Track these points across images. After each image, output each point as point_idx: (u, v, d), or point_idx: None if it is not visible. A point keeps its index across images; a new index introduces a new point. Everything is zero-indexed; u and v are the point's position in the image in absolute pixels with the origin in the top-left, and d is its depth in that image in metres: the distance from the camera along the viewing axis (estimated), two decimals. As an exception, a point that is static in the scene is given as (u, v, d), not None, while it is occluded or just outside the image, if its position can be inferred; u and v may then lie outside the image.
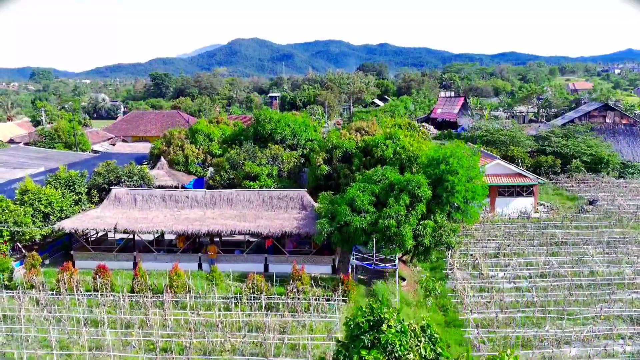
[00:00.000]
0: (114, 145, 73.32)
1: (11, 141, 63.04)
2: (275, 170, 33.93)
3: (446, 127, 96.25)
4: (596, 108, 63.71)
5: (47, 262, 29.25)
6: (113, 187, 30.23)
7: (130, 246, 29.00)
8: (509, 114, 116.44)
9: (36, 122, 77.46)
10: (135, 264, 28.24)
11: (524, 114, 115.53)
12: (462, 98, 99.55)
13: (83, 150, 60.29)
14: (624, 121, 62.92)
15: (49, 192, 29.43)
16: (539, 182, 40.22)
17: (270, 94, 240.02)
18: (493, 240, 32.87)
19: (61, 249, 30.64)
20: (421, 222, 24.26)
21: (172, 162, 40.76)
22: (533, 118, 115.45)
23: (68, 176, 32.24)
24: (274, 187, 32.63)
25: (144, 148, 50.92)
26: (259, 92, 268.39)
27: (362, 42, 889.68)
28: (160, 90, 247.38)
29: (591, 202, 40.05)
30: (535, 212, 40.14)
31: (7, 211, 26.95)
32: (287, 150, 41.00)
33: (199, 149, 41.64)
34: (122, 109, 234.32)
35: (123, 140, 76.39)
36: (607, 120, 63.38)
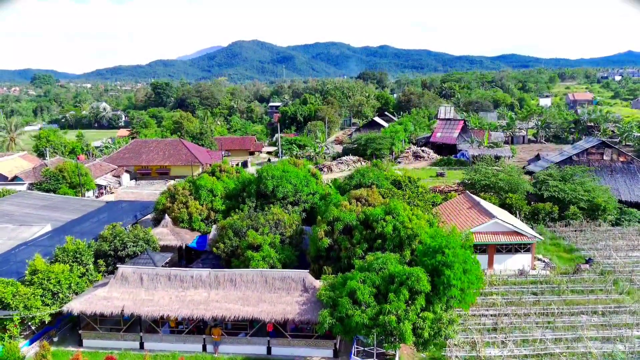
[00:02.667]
0: (117, 177, 74.18)
1: (16, 178, 63.80)
2: (277, 239, 34.66)
3: (446, 151, 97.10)
4: (594, 145, 64.44)
5: (55, 339, 30.06)
6: (120, 265, 30.96)
7: (136, 322, 29.70)
8: (508, 134, 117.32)
9: (40, 153, 78.19)
10: (141, 344, 29.04)
11: (523, 135, 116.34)
12: (462, 122, 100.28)
13: (88, 190, 61.10)
14: (621, 159, 63.67)
15: (57, 269, 30.18)
16: (536, 240, 40.94)
17: (271, 104, 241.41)
18: (490, 308, 33.67)
19: (69, 322, 31.43)
20: (420, 315, 25.02)
21: (176, 219, 41.49)
22: (532, 138, 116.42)
23: (75, 247, 32.98)
24: (276, 257, 33.37)
25: (147, 195, 51.58)
26: (260, 100, 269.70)
27: (363, 44, 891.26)
28: (161, 99, 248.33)
29: (587, 261, 40.78)
30: (533, 268, 40.93)
31: (17, 296, 27.72)
32: (288, 207, 41.84)
33: (202, 205, 42.36)
34: (124, 118, 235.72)
35: (126, 171, 77.27)
36: (605, 157, 64.14)
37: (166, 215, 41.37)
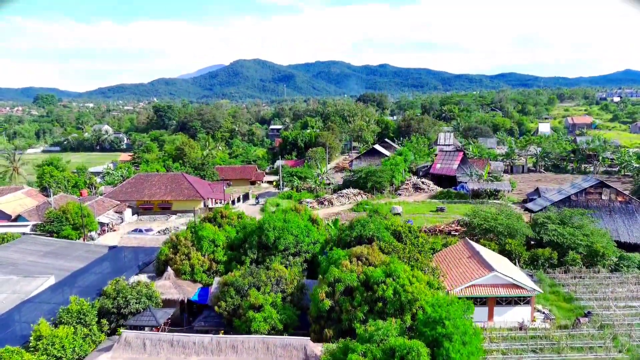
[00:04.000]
0: (119, 213, 74.71)
1: (19, 218, 64.36)
2: (279, 297, 35.04)
3: (446, 182, 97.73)
4: (592, 185, 64.99)
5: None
6: (123, 331, 31.33)
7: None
8: (508, 163, 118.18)
9: (43, 188, 78.89)
10: (144, 412, 29.20)
11: (523, 165, 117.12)
12: (461, 153, 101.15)
13: (90, 231, 61.63)
14: (619, 198, 64.20)
15: (61, 333, 30.53)
16: (535, 293, 41.25)
17: (272, 126, 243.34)
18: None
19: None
20: (420, 390, 25.30)
21: (178, 271, 41.90)
22: (532, 168, 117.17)
23: (79, 308, 33.36)
24: (278, 318, 33.71)
25: (150, 241, 52.08)
26: (261, 122, 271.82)
27: (363, 63, 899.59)
28: (163, 121, 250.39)
29: (586, 314, 41.04)
30: (533, 321, 41.17)
31: (22, 366, 28.06)
32: (290, 258, 42.29)
33: (204, 256, 42.80)
34: (125, 141, 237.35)
35: (128, 206, 77.81)
36: (603, 197, 64.69)
37: (168, 267, 41.78)
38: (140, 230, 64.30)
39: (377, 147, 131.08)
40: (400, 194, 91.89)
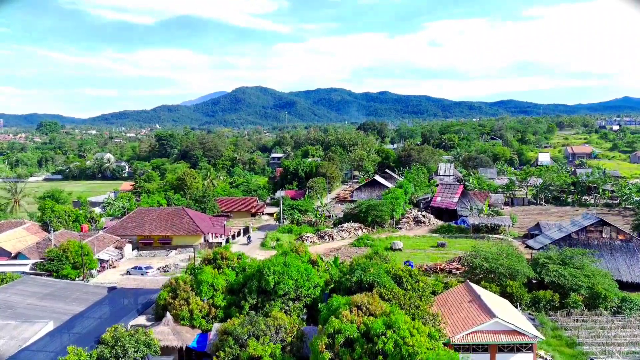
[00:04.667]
0: (119, 249, 74.65)
1: (19, 255, 64.33)
2: (278, 347, 34.77)
3: (446, 216, 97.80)
4: (593, 223, 65.06)
5: None
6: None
7: None
8: (508, 194, 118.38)
9: (44, 223, 79.06)
10: None
11: (523, 197, 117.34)
12: (461, 187, 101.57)
13: (90, 269, 61.51)
14: (620, 237, 64.19)
15: (59, 388, 30.22)
16: (537, 340, 40.85)
17: (273, 154, 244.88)
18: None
19: None
20: None
21: (177, 316, 41.66)
22: (533, 200, 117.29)
23: (77, 359, 33.08)
24: (277, 369, 33.41)
25: (150, 282, 51.95)
26: (262, 150, 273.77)
27: (363, 90, 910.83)
28: (165, 150, 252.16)
29: (589, 362, 40.59)
30: (535, 369, 40.68)
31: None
32: (290, 303, 42.12)
33: (203, 301, 42.63)
34: (127, 169, 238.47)
35: (129, 241, 77.80)
36: (604, 235, 64.70)
37: (167, 313, 41.57)
38: (140, 268, 64.16)
39: (378, 178, 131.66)
40: (400, 228, 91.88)
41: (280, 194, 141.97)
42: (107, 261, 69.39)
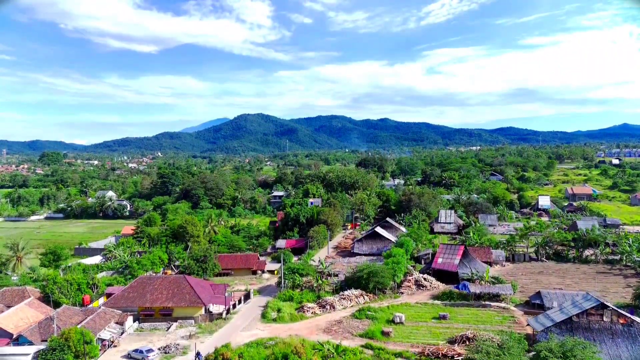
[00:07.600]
0: (121, 324, 74.68)
1: (20, 338, 64.37)
2: None
3: (447, 278, 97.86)
4: (593, 306, 65.12)
5: None
6: None
7: None
8: (510, 249, 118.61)
9: (46, 295, 79.33)
10: None
11: (524, 253, 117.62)
12: (462, 247, 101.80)
13: (92, 358, 61.58)
14: (621, 320, 64.17)
15: None
16: None
17: (275, 193, 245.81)
18: None
19: None
20: None
21: None
22: (534, 256, 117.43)
23: None
24: None
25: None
26: (263, 186, 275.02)
27: (364, 117, 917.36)
28: (166, 187, 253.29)
29: None
30: None
31: None
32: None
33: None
34: (129, 208, 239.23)
35: (130, 314, 77.80)
36: (605, 318, 64.73)
37: None
38: (141, 352, 64.12)
39: (379, 229, 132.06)
40: (402, 293, 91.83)
41: (281, 243, 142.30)
42: (108, 340, 69.33)
